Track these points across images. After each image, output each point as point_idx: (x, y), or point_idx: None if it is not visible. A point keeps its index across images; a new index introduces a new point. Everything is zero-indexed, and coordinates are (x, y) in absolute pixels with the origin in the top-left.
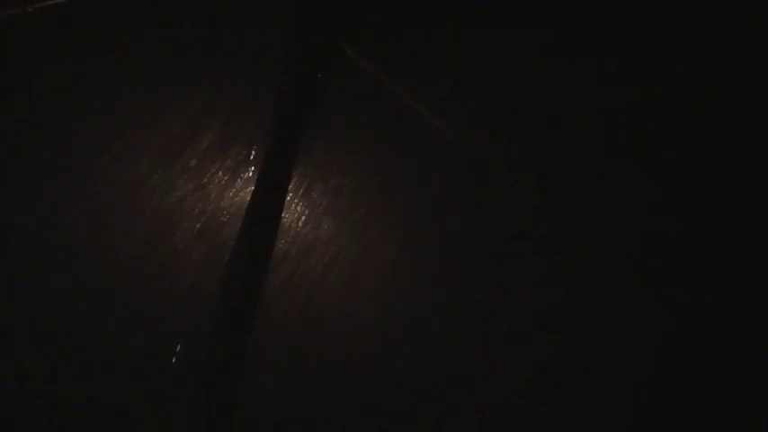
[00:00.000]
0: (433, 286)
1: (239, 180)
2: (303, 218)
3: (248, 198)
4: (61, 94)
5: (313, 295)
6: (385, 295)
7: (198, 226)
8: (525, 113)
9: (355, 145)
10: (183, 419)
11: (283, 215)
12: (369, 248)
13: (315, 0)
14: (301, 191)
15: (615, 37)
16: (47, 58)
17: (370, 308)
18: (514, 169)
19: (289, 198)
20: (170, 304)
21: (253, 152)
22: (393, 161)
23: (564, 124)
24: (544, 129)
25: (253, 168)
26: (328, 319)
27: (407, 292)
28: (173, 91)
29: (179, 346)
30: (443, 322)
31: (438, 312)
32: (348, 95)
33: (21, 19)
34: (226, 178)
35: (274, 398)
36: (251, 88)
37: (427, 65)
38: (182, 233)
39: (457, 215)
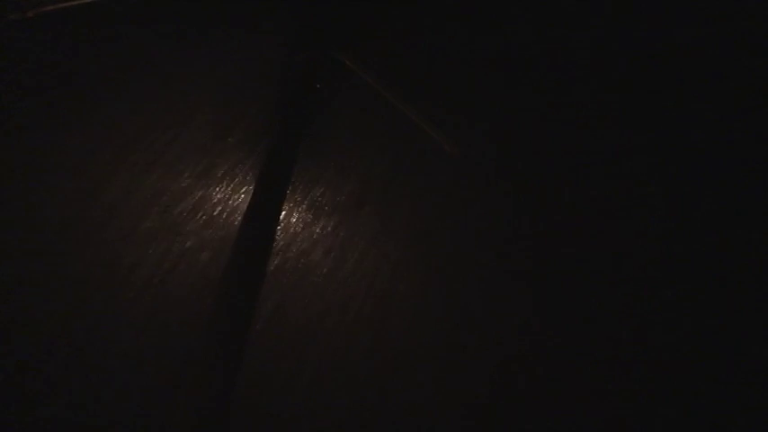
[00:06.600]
0: (429, 298)
1: (235, 191)
2: (300, 230)
3: (245, 209)
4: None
5: (312, 302)
6: (382, 305)
7: (194, 235)
8: (524, 126)
9: (353, 157)
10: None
11: (279, 227)
12: (365, 259)
13: (314, 11)
14: (298, 203)
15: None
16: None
17: (364, 315)
18: (514, 183)
19: (285, 210)
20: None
21: (249, 164)
22: (391, 173)
23: (564, 138)
24: (544, 142)
25: (249, 178)
26: (325, 326)
27: (405, 303)
28: (168, 102)
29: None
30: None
31: (433, 323)
32: (346, 107)
33: (20, 24)
34: (222, 190)
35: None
36: (249, 100)
37: (427, 77)
38: (176, 241)
39: (453, 227)
